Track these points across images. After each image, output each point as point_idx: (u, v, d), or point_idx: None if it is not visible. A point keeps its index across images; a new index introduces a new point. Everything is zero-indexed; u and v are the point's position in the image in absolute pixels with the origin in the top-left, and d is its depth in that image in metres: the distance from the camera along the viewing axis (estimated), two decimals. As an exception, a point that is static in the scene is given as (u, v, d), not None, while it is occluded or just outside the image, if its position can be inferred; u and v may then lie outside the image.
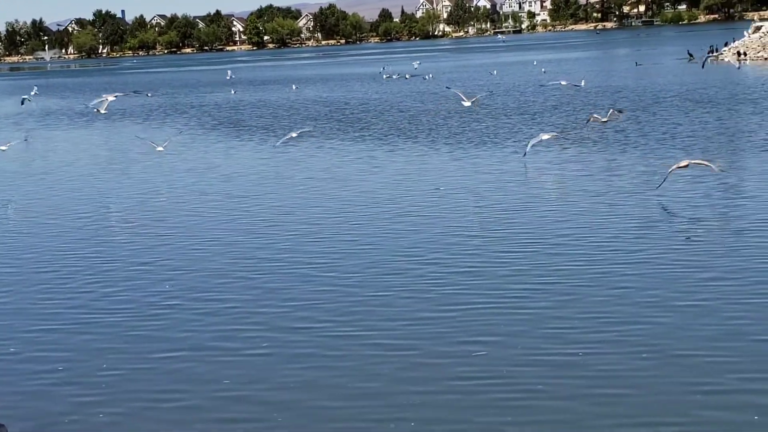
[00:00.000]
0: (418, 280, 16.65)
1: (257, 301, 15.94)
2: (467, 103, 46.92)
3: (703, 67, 71.07)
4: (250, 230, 21.84)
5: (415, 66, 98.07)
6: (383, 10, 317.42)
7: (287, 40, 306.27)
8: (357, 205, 24.26)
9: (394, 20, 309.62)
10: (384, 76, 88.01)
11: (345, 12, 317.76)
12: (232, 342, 13.92)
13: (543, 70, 67.21)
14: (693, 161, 24.14)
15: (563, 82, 56.77)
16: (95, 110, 51.07)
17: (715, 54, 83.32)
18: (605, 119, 35.78)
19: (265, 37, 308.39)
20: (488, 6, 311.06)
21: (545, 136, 30.41)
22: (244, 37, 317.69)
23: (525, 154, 30.11)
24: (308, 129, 40.96)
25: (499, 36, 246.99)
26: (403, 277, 16.95)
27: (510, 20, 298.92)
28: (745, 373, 11.73)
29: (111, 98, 46.62)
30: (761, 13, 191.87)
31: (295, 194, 26.62)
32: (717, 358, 12.26)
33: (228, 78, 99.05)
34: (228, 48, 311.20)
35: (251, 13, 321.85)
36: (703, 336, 13.11)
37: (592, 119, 35.86)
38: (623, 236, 19.06)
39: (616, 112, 37.50)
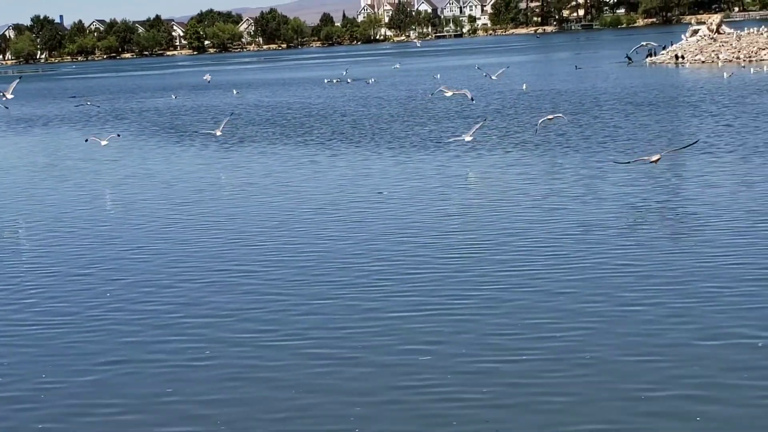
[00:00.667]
0: (358, 286, 16.44)
1: (193, 310, 15.62)
2: (449, 93, 49.02)
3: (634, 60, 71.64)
4: (187, 237, 21.49)
5: (397, 66, 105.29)
6: (324, 14, 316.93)
7: (228, 45, 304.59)
8: (298, 210, 24.02)
9: (336, 24, 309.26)
10: (326, 80, 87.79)
11: (286, 16, 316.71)
12: (164, 354, 13.60)
13: (484, 73, 67.51)
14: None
15: (447, 92, 49.15)
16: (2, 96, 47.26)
17: (654, 57, 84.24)
18: (551, 117, 35.73)
19: (206, 42, 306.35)
20: (429, 10, 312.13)
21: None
22: (184, 42, 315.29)
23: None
24: (229, 117, 42.23)
25: (416, 41, 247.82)
26: (342, 283, 16.72)
27: (451, 24, 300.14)
28: (668, 379, 11.66)
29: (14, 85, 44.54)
30: (698, 16, 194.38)
31: (234, 200, 26.30)
32: (647, 363, 12.19)
33: (207, 81, 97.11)
34: (168, 53, 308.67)
35: (191, 18, 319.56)
36: (632, 342, 13.03)
37: (541, 123, 35.69)
38: (561, 240, 19.00)
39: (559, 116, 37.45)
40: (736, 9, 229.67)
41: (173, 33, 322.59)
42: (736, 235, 18.65)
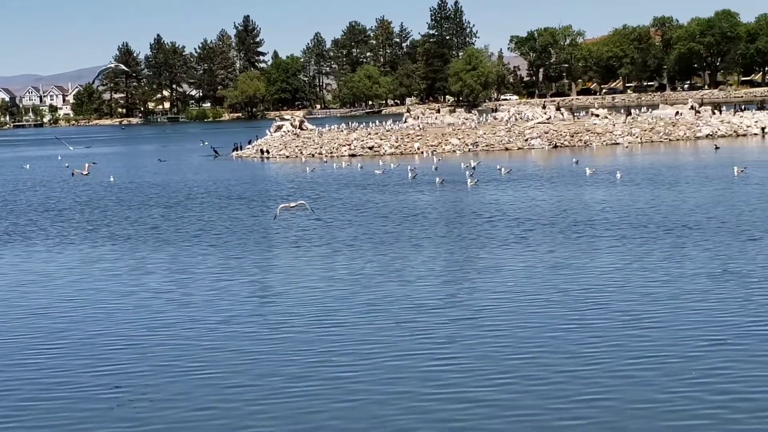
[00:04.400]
0: None
1: None
2: None
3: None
4: None
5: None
6: None
7: None
8: None
9: None
10: None
11: None
12: None
13: (66, 164, 65.50)
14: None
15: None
16: None
17: (240, 151, 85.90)
18: (293, 205, 34.98)
19: None
20: (7, 98, 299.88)
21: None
22: None
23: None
24: None
25: None
26: None
27: (30, 113, 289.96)
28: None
29: None
30: (282, 112, 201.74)
31: None
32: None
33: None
34: None
35: None
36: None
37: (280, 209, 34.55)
38: (129, 343, 18.40)
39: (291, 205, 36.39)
40: (318, 106, 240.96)
41: None
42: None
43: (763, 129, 75.84)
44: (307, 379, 15.87)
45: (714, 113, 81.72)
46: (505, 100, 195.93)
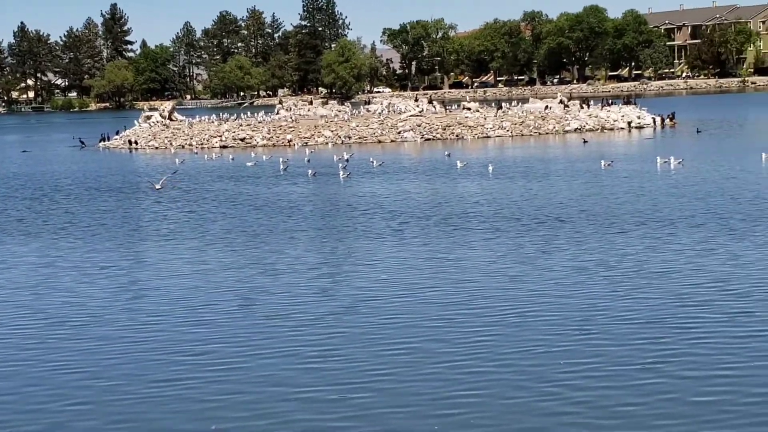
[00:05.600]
0: None
1: None
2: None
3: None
4: None
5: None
6: None
7: None
8: None
9: None
10: None
11: None
12: None
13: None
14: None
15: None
16: None
17: (107, 142, 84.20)
18: (159, 186, 34.11)
19: None
20: None
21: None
22: None
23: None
24: None
25: None
26: None
27: None
28: None
29: None
30: (151, 102, 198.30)
31: None
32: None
33: None
34: None
35: None
36: None
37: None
38: None
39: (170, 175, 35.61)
40: (189, 97, 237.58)
41: None
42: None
43: (629, 123, 77.74)
44: (178, 371, 15.55)
45: (582, 107, 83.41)
46: (378, 92, 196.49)
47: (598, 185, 39.11)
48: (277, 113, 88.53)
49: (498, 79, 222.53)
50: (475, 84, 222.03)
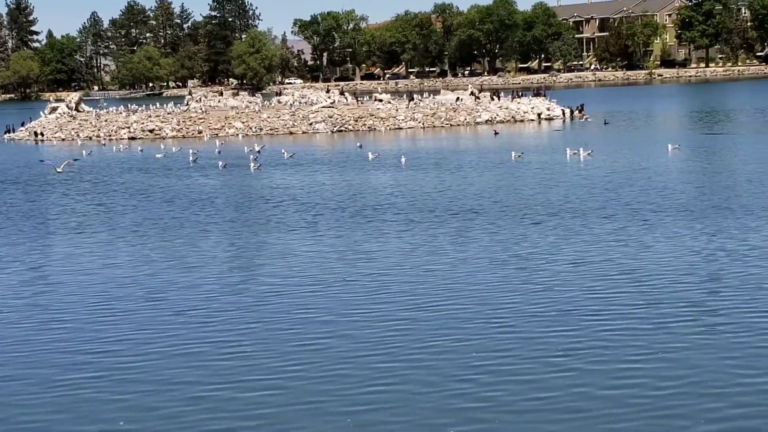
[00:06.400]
0: None
1: None
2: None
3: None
4: None
5: None
6: None
7: None
8: None
9: None
10: None
11: None
12: None
13: None
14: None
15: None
16: None
17: (12, 133, 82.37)
18: (60, 169, 33.19)
19: None
20: None
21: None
22: None
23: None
24: None
25: None
26: None
27: None
28: None
29: None
30: (58, 93, 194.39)
31: None
32: None
33: None
34: None
35: None
36: None
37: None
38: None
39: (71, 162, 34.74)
40: (96, 87, 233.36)
41: None
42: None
43: (539, 115, 78.49)
44: (84, 368, 15.23)
45: (493, 99, 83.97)
46: (290, 83, 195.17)
47: (510, 176, 39.33)
48: (187, 104, 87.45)
49: (410, 70, 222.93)
50: (387, 75, 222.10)
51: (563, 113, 79.85)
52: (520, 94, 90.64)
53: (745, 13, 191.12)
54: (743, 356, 14.91)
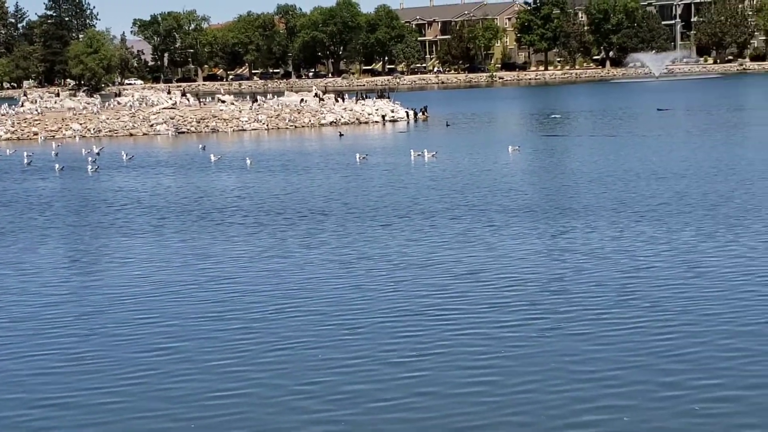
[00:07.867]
0: None
1: None
2: None
3: None
4: None
5: None
6: None
7: None
8: None
9: None
10: None
11: None
12: None
13: None
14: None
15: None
16: None
17: None
18: None
19: None
20: None
21: None
22: None
23: None
24: None
25: None
26: None
27: None
28: None
29: None
30: None
31: None
32: None
33: None
34: None
35: None
36: None
37: None
38: None
39: None
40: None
41: None
42: None
43: (383, 117, 78.93)
44: None
45: (337, 101, 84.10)
46: (130, 84, 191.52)
47: (356, 178, 39.32)
48: (22, 105, 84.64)
49: (253, 72, 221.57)
50: (230, 77, 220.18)
51: (407, 115, 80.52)
52: (364, 96, 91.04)
53: (582, 17, 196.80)
54: (583, 352, 15.18)
